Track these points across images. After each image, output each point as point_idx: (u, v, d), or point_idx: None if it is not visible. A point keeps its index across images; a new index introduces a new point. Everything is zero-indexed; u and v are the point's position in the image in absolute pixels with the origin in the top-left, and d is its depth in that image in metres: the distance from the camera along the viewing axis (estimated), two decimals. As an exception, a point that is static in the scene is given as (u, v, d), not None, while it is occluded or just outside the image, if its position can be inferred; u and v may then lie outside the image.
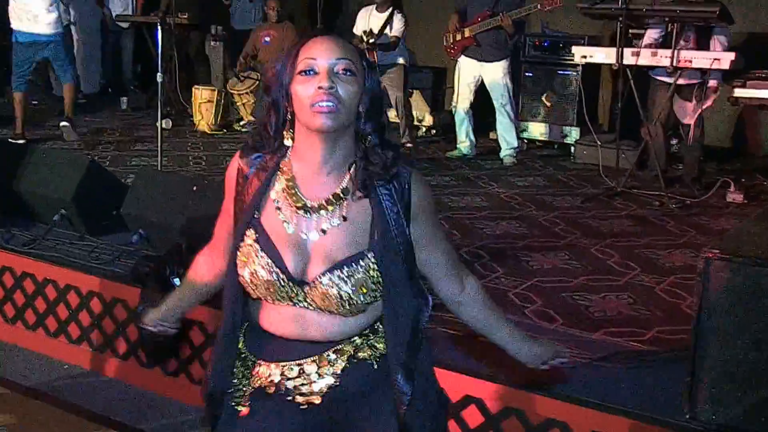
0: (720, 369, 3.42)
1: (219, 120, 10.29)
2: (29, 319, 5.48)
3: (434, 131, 10.29)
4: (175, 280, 4.85)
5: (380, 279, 2.25)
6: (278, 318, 2.30)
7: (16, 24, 9.32)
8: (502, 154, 8.82)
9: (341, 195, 2.26)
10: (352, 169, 2.28)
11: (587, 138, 8.73)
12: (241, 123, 10.39)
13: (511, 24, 8.34)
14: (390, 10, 9.35)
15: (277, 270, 2.22)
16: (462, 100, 8.79)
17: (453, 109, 8.95)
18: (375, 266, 2.24)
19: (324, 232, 2.25)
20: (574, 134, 9.09)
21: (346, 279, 2.21)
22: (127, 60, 12.47)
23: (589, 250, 5.97)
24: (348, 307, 2.23)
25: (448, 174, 8.21)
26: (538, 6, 8.29)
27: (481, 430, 3.88)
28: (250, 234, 2.28)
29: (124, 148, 9.17)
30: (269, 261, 2.24)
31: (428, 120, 10.43)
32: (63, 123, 9.48)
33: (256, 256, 2.25)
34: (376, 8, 9.39)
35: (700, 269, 3.42)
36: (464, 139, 8.90)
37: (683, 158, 8.01)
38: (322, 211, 2.25)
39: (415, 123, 10.14)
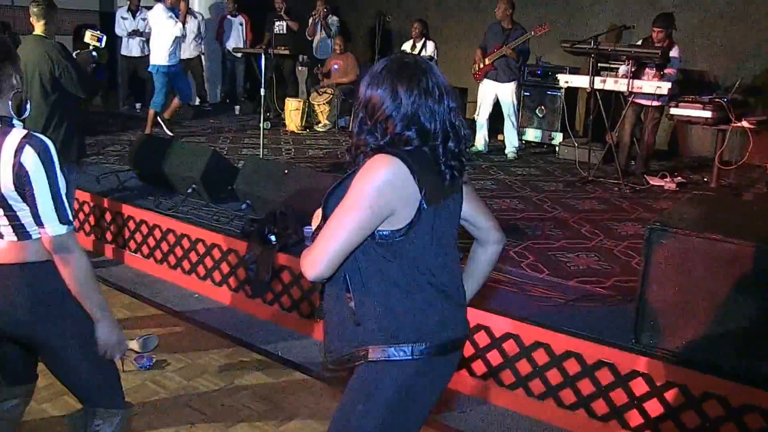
0: (657, 307, 3.45)
1: (303, 123, 10.31)
2: (171, 261, 5.58)
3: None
4: (271, 237, 4.92)
5: None
6: None
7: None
8: (507, 150, 8.78)
9: None
10: None
11: (568, 140, 8.70)
12: (319, 125, 10.42)
13: (513, 52, 8.31)
14: (423, 40, 9.37)
15: None
16: (483, 111, 8.75)
17: (475, 118, 8.90)
18: None
19: None
20: (558, 137, 9.03)
21: None
22: (239, 79, 12.46)
23: (568, 222, 5.95)
24: None
25: (467, 164, 8.18)
26: (532, 33, 8.25)
27: (489, 348, 3.95)
28: None
29: (236, 141, 9.22)
30: None
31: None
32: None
33: None
34: (413, 41, 9.42)
35: (646, 236, 3.45)
36: (480, 139, 8.86)
37: (635, 156, 7.98)
38: None
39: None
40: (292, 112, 10.25)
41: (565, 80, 7.89)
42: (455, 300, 2.20)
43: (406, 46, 9.49)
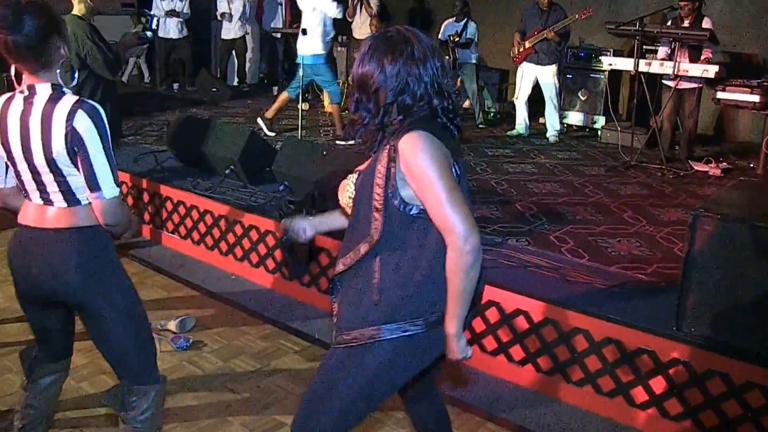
0: (699, 294, 3.41)
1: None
2: (208, 242, 5.64)
3: (499, 116, 10.17)
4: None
5: None
6: None
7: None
8: (548, 134, 8.71)
9: None
10: None
11: (610, 124, 8.59)
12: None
13: (555, 35, 8.23)
14: (465, 20, 9.29)
15: None
16: (523, 93, 8.68)
17: (515, 100, 8.85)
18: None
19: None
20: (600, 121, 8.92)
21: None
22: (278, 60, 12.53)
23: (609, 207, 5.90)
24: None
25: (508, 148, 8.14)
26: (576, 16, 8.15)
27: (527, 333, 3.96)
28: None
29: (275, 122, 9.24)
30: None
31: (495, 108, 10.32)
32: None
33: None
34: (455, 20, 9.34)
35: (689, 222, 3.40)
36: (521, 122, 8.81)
37: (679, 141, 7.87)
38: None
39: (486, 110, 10.07)
40: (331, 93, 10.24)
41: (609, 63, 7.80)
42: None
43: (447, 25, 9.43)
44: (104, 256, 2.57)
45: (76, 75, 2.55)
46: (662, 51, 7.44)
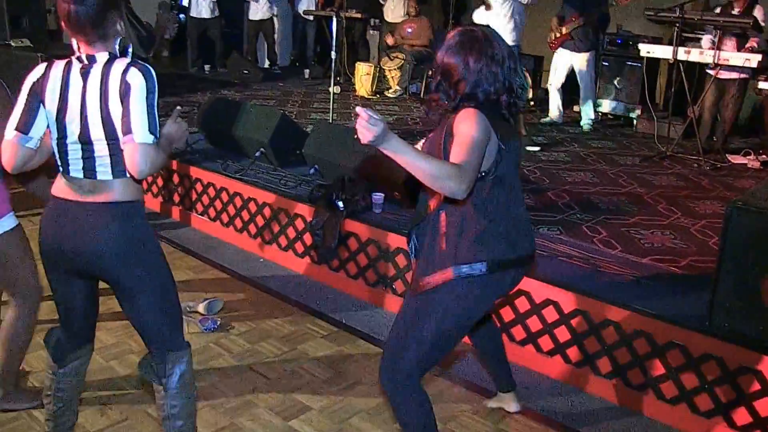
0: (733, 290, 3.38)
1: (374, 88, 10.32)
2: (237, 225, 5.69)
3: (533, 103, 10.11)
4: (338, 203, 4.96)
5: None
6: None
7: None
8: (582, 122, 8.66)
9: None
10: None
11: (647, 114, 8.52)
12: (390, 91, 10.42)
13: (595, 21, 8.16)
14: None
15: None
16: (557, 80, 8.62)
17: (549, 87, 8.80)
18: None
19: None
20: (636, 110, 8.85)
21: None
22: (310, 42, 12.54)
23: (643, 197, 5.85)
24: None
25: (541, 135, 8.09)
26: (614, 3, 8.08)
27: (557, 324, 3.95)
28: None
29: (305, 105, 9.28)
30: None
31: (529, 94, 10.28)
32: None
33: None
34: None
35: (725, 215, 3.37)
36: (555, 110, 8.75)
37: (717, 133, 7.77)
38: None
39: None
40: (363, 76, 10.27)
41: (647, 50, 7.69)
42: (524, 228, 2.81)
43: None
44: (142, 230, 2.64)
45: (130, 51, 2.61)
46: (706, 39, 7.33)
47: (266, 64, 12.30)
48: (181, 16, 5.25)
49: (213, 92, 9.58)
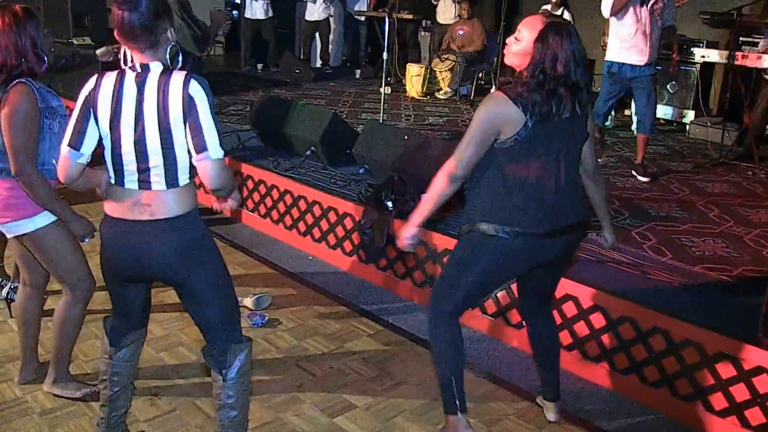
0: (789, 301, 3.31)
1: (424, 89, 10.31)
2: (287, 222, 5.73)
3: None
4: (388, 202, 4.96)
5: None
6: None
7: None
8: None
9: None
10: None
11: (700, 119, 8.36)
12: (440, 92, 10.39)
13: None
14: (561, 9, 9.13)
15: None
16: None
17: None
18: None
19: None
20: (690, 116, 8.69)
21: None
22: (361, 43, 12.59)
23: (696, 205, 5.75)
24: None
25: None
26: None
27: (604, 330, 3.91)
28: None
29: (356, 105, 9.31)
30: None
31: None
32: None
33: None
34: (551, 8, 9.18)
35: (781, 225, 3.31)
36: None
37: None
38: None
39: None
40: (413, 77, 10.26)
41: (702, 55, 7.59)
42: (551, 205, 2.91)
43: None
44: (200, 235, 2.69)
45: (180, 59, 2.65)
46: (764, 43, 7.17)
47: (318, 63, 12.37)
48: (235, 13, 5.31)
49: (265, 91, 9.66)
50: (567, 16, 9.10)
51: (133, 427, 3.28)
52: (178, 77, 2.50)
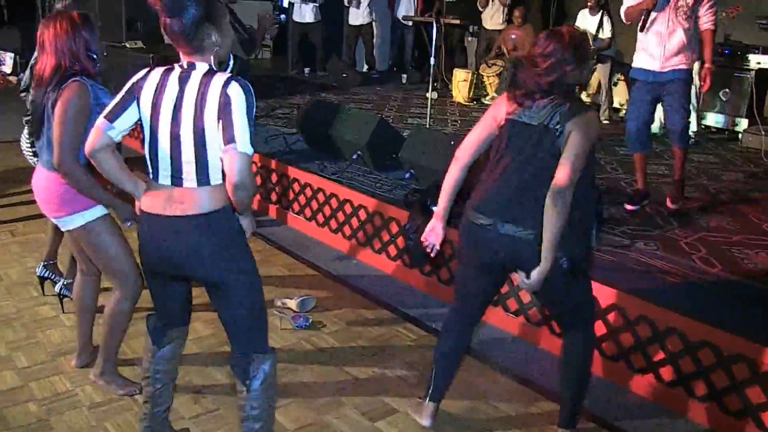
0: None
1: (471, 94, 10.27)
2: (332, 225, 5.74)
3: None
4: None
5: None
6: None
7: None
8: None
9: None
10: None
11: (754, 127, 8.19)
12: (487, 98, 10.34)
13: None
14: (600, 12, 9.00)
15: None
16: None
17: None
18: None
19: None
20: (743, 124, 8.52)
21: None
22: (408, 48, 12.57)
23: (748, 216, 5.62)
24: None
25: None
26: (723, 14, 7.78)
27: (649, 341, 3.84)
28: None
29: (402, 110, 9.31)
30: None
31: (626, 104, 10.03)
32: None
33: None
34: (589, 11, 9.07)
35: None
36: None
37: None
38: None
39: (616, 106, 9.77)
40: (460, 83, 10.23)
41: (757, 61, 7.41)
42: (485, 204, 3.28)
43: (582, 17, 9.20)
44: (234, 235, 2.69)
45: (231, 64, 2.68)
46: None
47: (365, 68, 12.39)
48: (282, 16, 5.36)
49: (312, 95, 9.71)
50: (607, 26, 8.94)
51: (176, 423, 3.31)
52: (219, 78, 2.53)
